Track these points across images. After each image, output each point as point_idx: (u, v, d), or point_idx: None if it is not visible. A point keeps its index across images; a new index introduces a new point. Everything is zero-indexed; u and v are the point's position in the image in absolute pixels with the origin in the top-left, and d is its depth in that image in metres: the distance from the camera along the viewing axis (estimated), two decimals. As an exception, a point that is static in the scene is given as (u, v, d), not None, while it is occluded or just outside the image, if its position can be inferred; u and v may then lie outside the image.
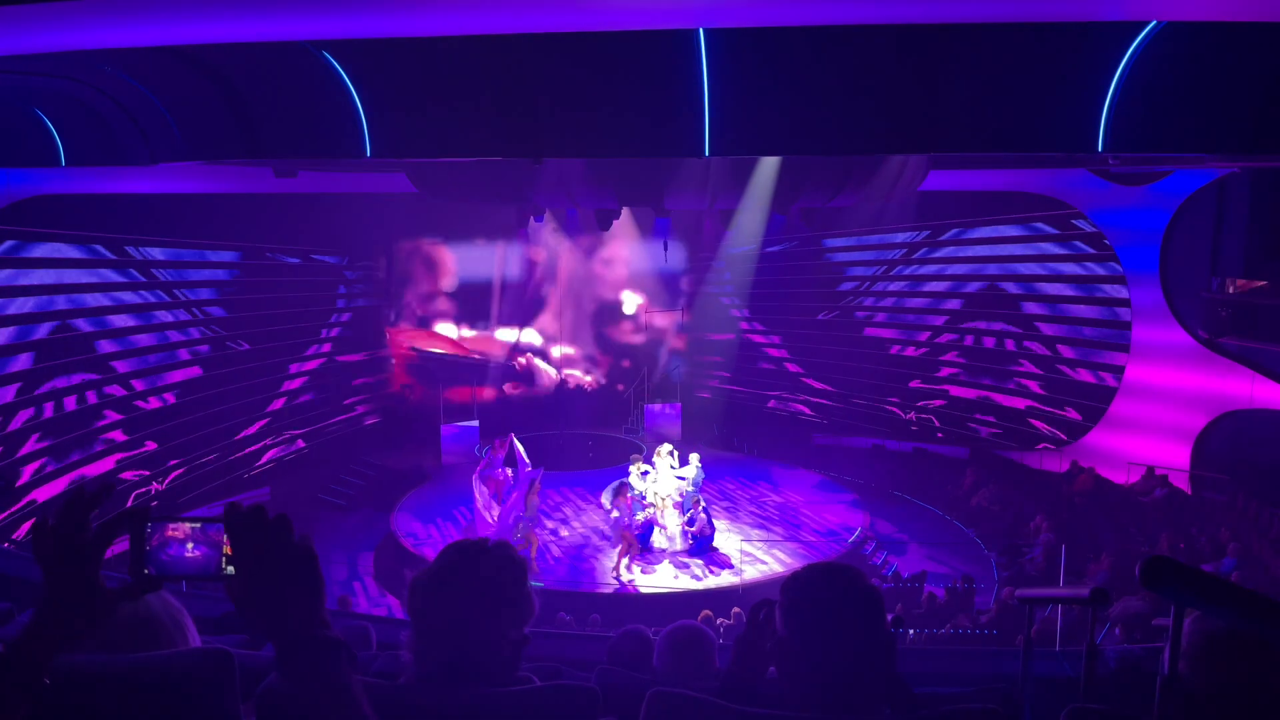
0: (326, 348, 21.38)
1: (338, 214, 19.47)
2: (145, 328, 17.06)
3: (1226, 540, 13.27)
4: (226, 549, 1.50)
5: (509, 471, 15.59)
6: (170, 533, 1.53)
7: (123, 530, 1.51)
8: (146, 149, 10.18)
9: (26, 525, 13.52)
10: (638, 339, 23.99)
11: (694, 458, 16.22)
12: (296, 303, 20.45)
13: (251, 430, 19.18)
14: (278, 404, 19.92)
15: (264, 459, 19.39)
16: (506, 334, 23.42)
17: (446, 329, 22.98)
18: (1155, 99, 8.15)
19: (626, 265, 23.41)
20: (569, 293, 23.57)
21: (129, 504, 14.27)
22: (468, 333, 23.11)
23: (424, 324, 22.81)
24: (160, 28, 7.22)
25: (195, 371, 18.03)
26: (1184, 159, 13.16)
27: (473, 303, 23.16)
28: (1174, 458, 16.48)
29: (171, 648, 1.95)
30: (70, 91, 9.93)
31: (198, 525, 1.53)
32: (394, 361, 22.58)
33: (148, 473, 16.79)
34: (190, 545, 1.52)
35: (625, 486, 15.17)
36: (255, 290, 19.46)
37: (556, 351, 23.76)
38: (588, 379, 23.87)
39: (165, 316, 17.47)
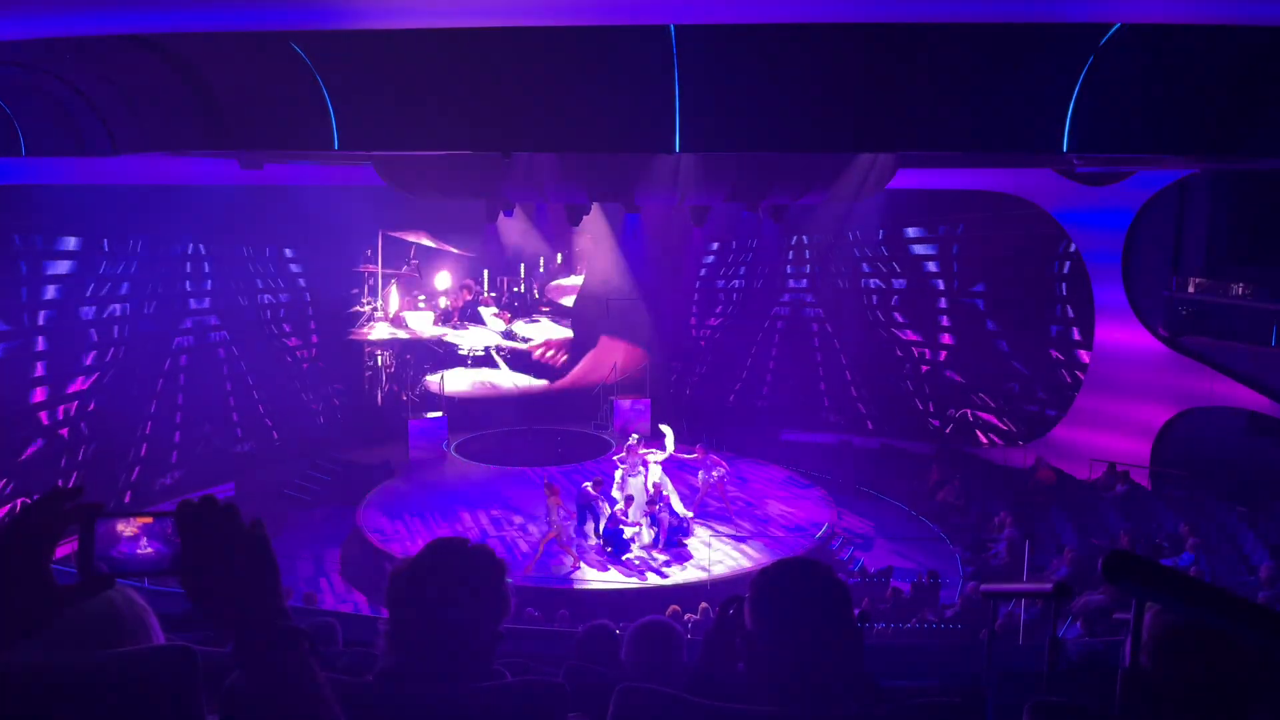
0: (294, 341, 21.19)
1: (306, 206, 19.18)
2: (104, 321, 16.78)
3: (1185, 535, 13.50)
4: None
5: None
6: (121, 528, 1.49)
7: (71, 523, 1.48)
8: (109, 139, 10.01)
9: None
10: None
11: (665, 428, 16.31)
12: (260, 295, 20.26)
13: (213, 424, 18.95)
14: (240, 399, 19.69)
15: (229, 453, 19.15)
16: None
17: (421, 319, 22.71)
18: (1118, 100, 8.27)
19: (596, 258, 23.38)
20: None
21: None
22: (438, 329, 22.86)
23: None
24: (125, 16, 7.12)
25: (146, 365, 17.73)
26: (1146, 159, 13.35)
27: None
28: (1135, 454, 16.74)
29: (135, 645, 1.92)
30: (31, 80, 9.74)
31: (149, 520, 1.50)
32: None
33: (99, 471, 16.49)
34: (143, 541, 1.49)
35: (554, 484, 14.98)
36: (220, 282, 19.27)
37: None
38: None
39: (129, 309, 17.18)
